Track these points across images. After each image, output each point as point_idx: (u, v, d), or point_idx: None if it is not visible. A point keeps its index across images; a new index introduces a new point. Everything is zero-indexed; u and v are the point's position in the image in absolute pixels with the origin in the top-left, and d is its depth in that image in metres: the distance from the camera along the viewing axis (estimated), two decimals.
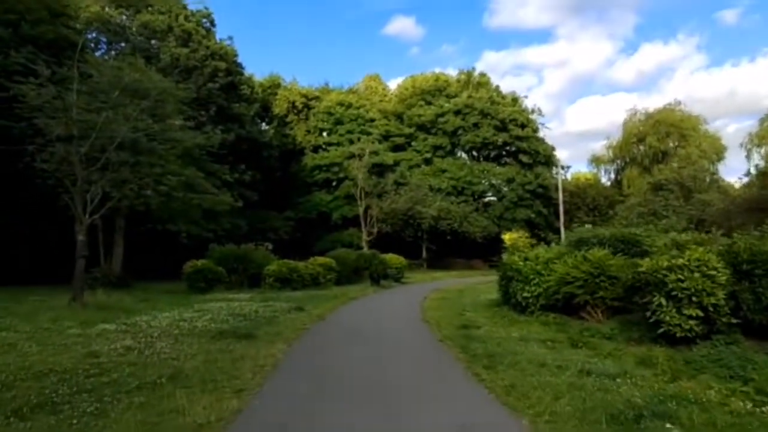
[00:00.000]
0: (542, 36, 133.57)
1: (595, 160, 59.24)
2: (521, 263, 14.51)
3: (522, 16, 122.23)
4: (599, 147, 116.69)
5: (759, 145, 50.53)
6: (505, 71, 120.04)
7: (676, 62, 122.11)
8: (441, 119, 52.74)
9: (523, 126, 52.27)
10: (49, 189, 21.55)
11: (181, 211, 25.43)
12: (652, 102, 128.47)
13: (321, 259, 28.30)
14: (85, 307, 15.11)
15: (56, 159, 19.22)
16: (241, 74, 42.07)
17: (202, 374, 7.27)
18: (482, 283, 30.82)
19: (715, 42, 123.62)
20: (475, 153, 55.12)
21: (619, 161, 58.00)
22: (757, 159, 49.03)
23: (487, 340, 9.98)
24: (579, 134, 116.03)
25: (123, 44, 35.42)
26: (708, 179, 33.03)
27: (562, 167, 57.79)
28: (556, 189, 55.95)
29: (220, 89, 38.12)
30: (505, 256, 15.83)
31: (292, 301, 18.77)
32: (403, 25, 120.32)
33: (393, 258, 35.51)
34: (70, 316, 13.49)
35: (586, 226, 17.61)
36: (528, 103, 58.08)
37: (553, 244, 17.05)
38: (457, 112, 52.61)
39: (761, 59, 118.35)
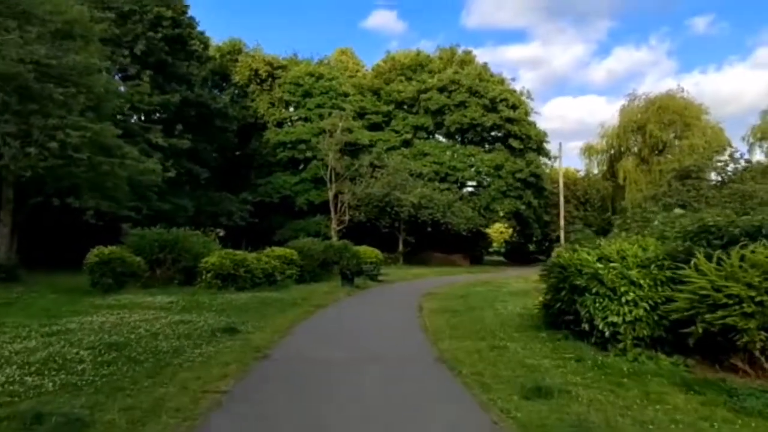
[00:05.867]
0: (518, 36, 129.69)
1: (588, 150, 54.04)
2: (600, 266, 8.75)
3: (499, 17, 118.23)
4: (584, 141, 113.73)
5: (762, 139, 46.55)
6: None
7: (646, 67, 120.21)
8: (423, 96, 46.71)
9: (514, 107, 46.72)
10: None
11: (88, 180, 18.82)
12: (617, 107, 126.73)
13: (279, 251, 22.16)
14: None
15: None
16: (192, 28, 35.27)
17: None
18: (478, 283, 25.30)
19: (685, 48, 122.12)
20: (458, 136, 49.37)
21: (613, 151, 53.07)
22: (758, 153, 44.99)
23: None
24: (550, 133, 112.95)
25: None
26: (740, 167, 28.21)
27: (553, 157, 52.75)
28: (549, 179, 50.96)
29: (164, 41, 31.34)
30: (562, 252, 10.05)
31: (229, 310, 12.72)
32: (384, 19, 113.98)
33: (368, 251, 29.61)
34: None
35: (677, 210, 12.11)
36: (516, 87, 52.72)
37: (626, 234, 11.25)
38: (441, 89, 46.64)
39: (727, 67, 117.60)
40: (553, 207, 52.25)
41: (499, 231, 72.24)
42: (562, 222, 36.29)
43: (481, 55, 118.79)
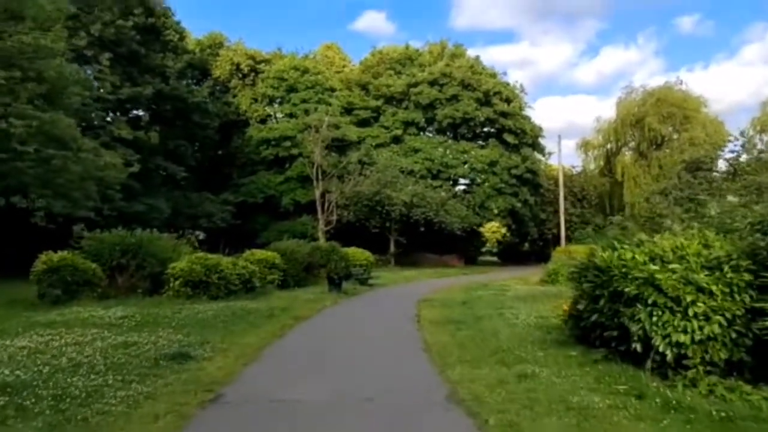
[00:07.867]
0: (507, 36, 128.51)
1: (584, 145, 52.29)
2: (655, 268, 6.78)
3: (488, 17, 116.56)
4: (574, 140, 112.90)
5: (762, 131, 45.01)
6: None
7: (634, 66, 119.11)
8: (414, 90, 44.67)
9: (508, 101, 44.90)
10: None
11: (37, 176, 16.58)
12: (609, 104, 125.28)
13: (260, 254, 20.08)
14: None
15: None
16: (167, 17, 33.06)
17: None
18: (477, 285, 23.26)
19: (672, 48, 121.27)
20: (450, 132, 47.37)
21: (610, 146, 51.41)
22: (759, 145, 43.50)
23: None
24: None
25: None
26: (753, 158, 26.53)
27: (548, 153, 51.01)
28: (544, 176, 49.28)
29: (135, 30, 29.04)
30: (597, 251, 8.09)
31: (191, 326, 10.63)
32: (373, 20, 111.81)
33: (357, 253, 27.54)
34: None
35: (730, 198, 10.26)
36: (509, 81, 50.82)
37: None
38: (432, 83, 44.64)
39: (714, 66, 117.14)
40: (548, 204, 50.48)
41: (490, 230, 70.15)
42: (562, 219, 34.48)
43: (470, 55, 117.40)
